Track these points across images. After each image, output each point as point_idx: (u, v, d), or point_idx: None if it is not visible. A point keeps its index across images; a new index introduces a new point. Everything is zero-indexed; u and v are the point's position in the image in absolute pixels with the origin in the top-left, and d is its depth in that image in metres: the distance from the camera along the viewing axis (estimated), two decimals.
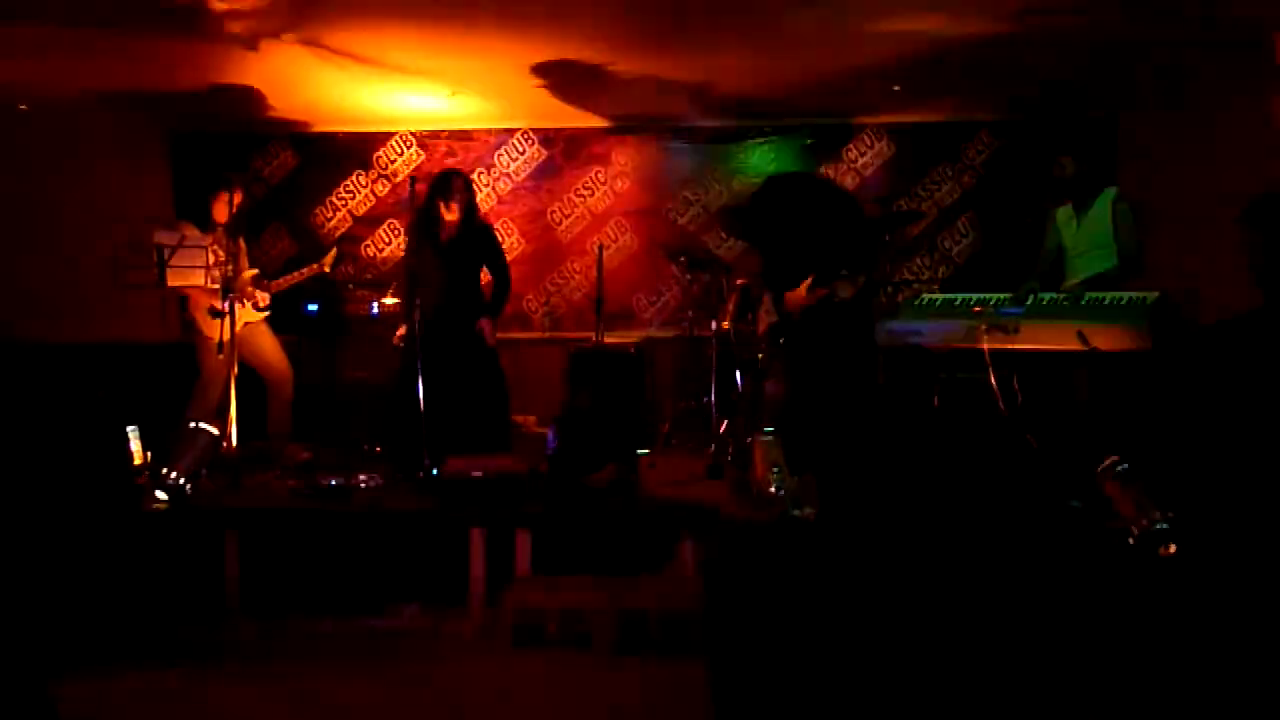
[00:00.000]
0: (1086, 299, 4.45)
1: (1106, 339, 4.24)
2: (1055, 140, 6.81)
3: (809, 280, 4.67)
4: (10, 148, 6.46)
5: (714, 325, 5.81)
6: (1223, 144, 5.54)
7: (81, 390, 5.31)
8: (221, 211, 5.62)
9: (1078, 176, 4.94)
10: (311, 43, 5.37)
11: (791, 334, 4.80)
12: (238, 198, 5.66)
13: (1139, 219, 4.76)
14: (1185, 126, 5.94)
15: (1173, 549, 3.56)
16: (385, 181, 7.48)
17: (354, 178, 7.49)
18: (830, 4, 4.84)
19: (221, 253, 5.42)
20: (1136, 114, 6.59)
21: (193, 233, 5.44)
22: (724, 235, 7.17)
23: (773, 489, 4.12)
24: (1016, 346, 4.45)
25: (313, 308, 6.95)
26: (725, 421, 5.59)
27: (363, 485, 4.73)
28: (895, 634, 1.35)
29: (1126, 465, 4.37)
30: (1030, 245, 5.57)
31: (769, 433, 4.39)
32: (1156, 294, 4.26)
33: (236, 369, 5.38)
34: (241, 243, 5.70)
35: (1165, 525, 3.60)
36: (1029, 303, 4.59)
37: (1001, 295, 4.72)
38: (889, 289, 5.96)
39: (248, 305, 5.63)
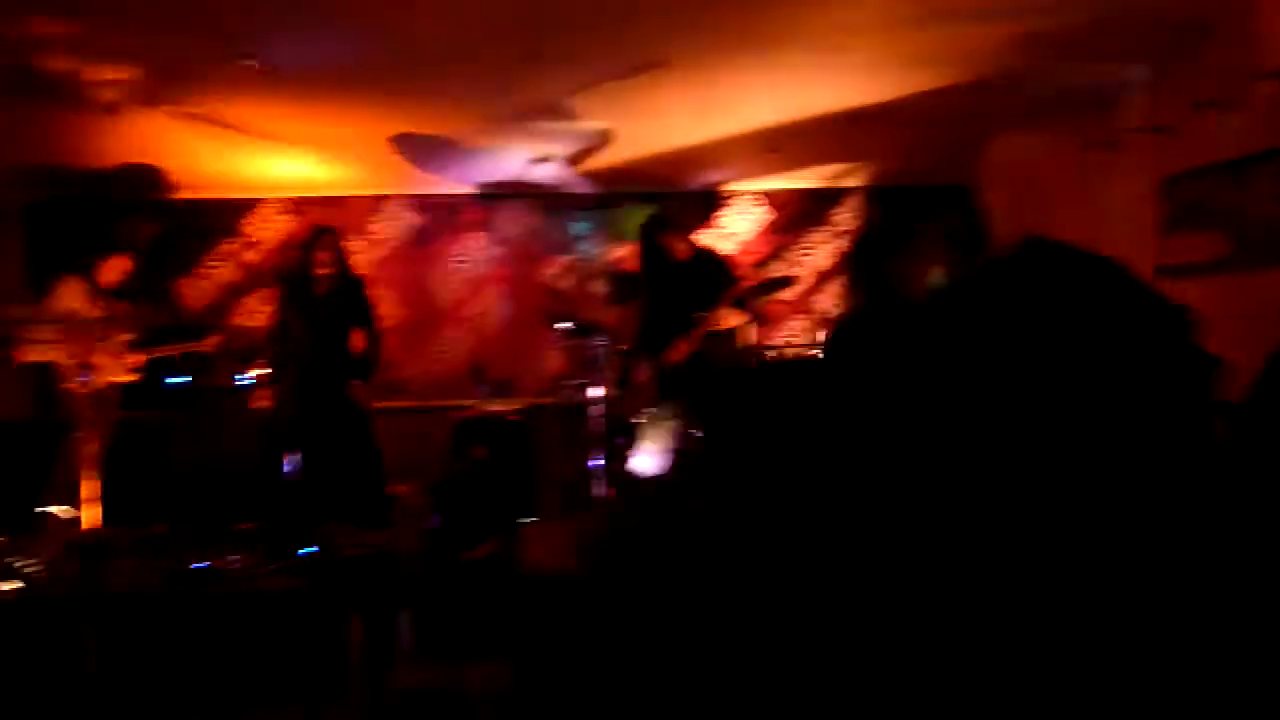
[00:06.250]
0: None
1: None
2: (926, 204, 7.09)
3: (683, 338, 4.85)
4: None
5: (594, 391, 5.80)
6: None
7: None
8: (109, 274, 5.53)
9: None
10: (178, 113, 5.24)
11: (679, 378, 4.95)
12: (127, 264, 5.59)
13: None
14: None
15: None
16: (255, 250, 7.29)
17: (222, 245, 7.28)
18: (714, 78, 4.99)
19: (97, 312, 5.32)
20: None
21: (77, 291, 5.34)
22: (606, 301, 7.21)
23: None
24: None
25: (177, 381, 6.68)
26: (611, 490, 5.58)
27: (231, 567, 4.53)
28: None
29: None
30: None
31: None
32: None
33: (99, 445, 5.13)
34: (128, 306, 5.60)
35: None
36: None
37: None
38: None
39: (117, 368, 5.44)
